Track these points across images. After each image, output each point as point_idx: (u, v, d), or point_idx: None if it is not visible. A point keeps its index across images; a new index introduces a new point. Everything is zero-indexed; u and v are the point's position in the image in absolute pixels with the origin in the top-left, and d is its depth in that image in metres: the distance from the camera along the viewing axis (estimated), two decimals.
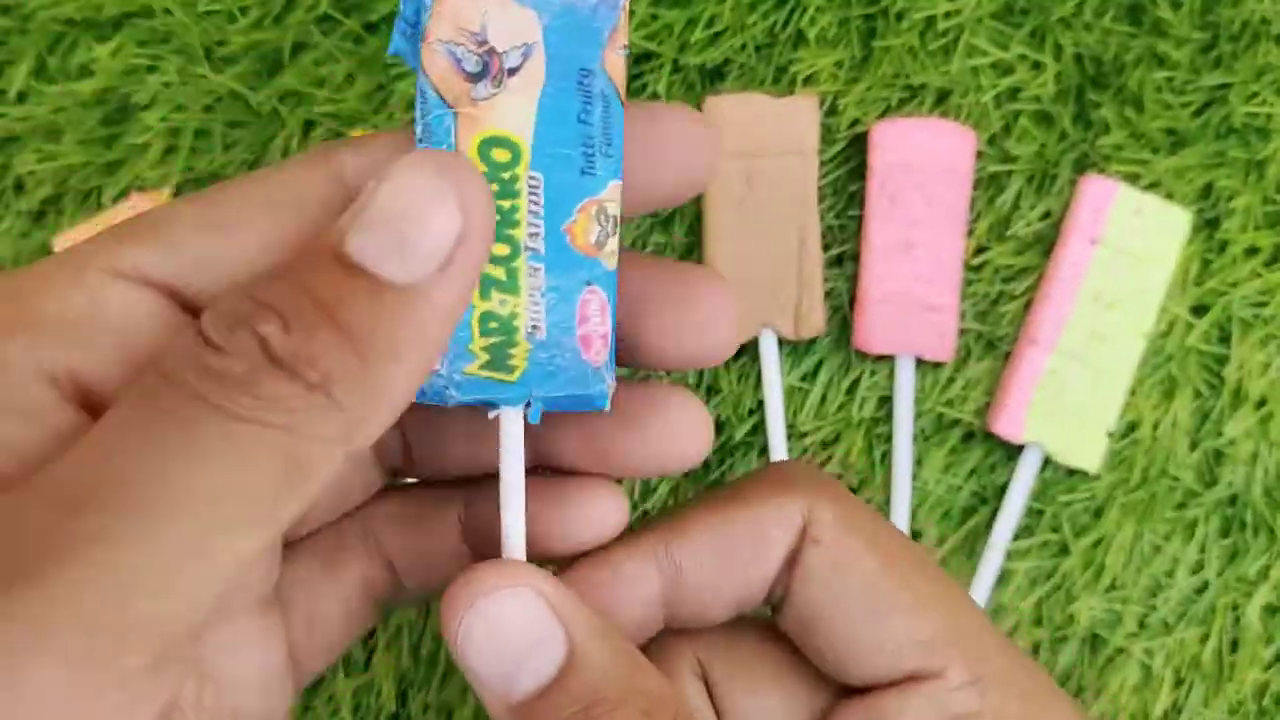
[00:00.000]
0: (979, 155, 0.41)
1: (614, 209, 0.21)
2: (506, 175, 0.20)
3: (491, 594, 0.21)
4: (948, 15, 0.41)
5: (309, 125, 0.41)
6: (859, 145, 0.41)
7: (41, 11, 0.42)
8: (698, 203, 0.41)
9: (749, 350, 0.41)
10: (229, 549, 0.16)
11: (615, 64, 0.21)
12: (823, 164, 0.41)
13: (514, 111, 0.20)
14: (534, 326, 0.21)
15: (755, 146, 0.40)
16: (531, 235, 0.21)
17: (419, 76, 0.20)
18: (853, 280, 0.41)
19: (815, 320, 0.40)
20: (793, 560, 0.24)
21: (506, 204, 0.20)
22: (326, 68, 0.41)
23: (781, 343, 0.40)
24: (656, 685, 0.21)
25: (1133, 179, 0.40)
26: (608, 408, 0.22)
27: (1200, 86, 0.41)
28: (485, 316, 0.21)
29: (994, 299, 0.41)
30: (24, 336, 0.18)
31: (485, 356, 0.21)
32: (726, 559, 0.24)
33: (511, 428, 0.21)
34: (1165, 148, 0.41)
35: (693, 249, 0.41)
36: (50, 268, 0.19)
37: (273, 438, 0.17)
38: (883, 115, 0.41)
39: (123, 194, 0.41)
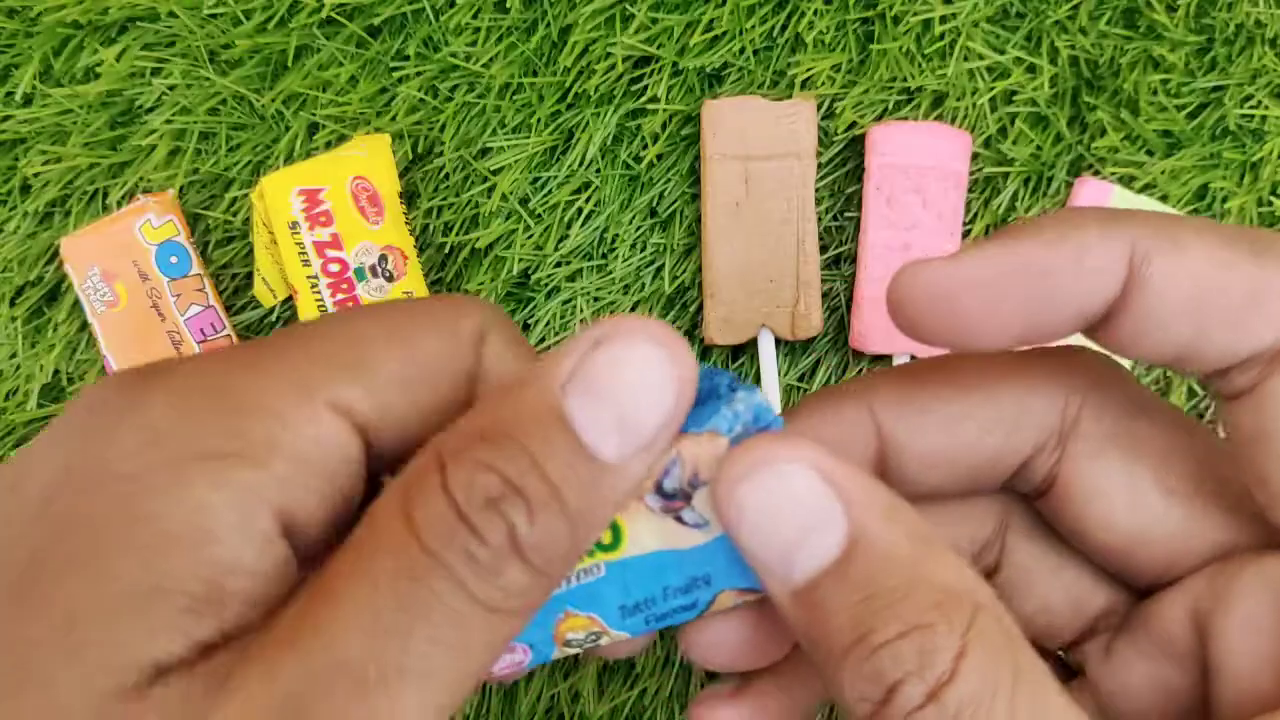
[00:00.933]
0: (975, 157, 0.41)
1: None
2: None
3: (767, 468, 0.19)
4: (944, 19, 0.41)
5: (313, 128, 0.42)
6: (856, 148, 0.41)
7: (48, 15, 0.42)
8: (696, 204, 0.41)
9: (747, 350, 0.41)
10: (445, 711, 0.18)
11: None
12: (820, 166, 0.41)
13: (649, 535, 0.21)
14: None
15: (753, 149, 0.40)
16: None
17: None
18: (850, 281, 0.41)
19: (813, 321, 0.40)
20: (1061, 443, 0.22)
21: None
22: (330, 71, 0.41)
23: (779, 343, 0.41)
24: (953, 575, 0.19)
25: (1128, 181, 0.41)
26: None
27: (1195, 89, 0.41)
28: None
29: None
30: (268, 473, 0.19)
31: None
32: (1206, 302, 0.20)
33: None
34: (1160, 150, 0.41)
35: (691, 250, 0.41)
36: (287, 393, 0.19)
37: (508, 626, 0.18)
38: (880, 118, 0.41)
39: (128, 196, 0.42)
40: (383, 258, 0.40)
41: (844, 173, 0.41)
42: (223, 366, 0.20)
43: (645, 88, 0.41)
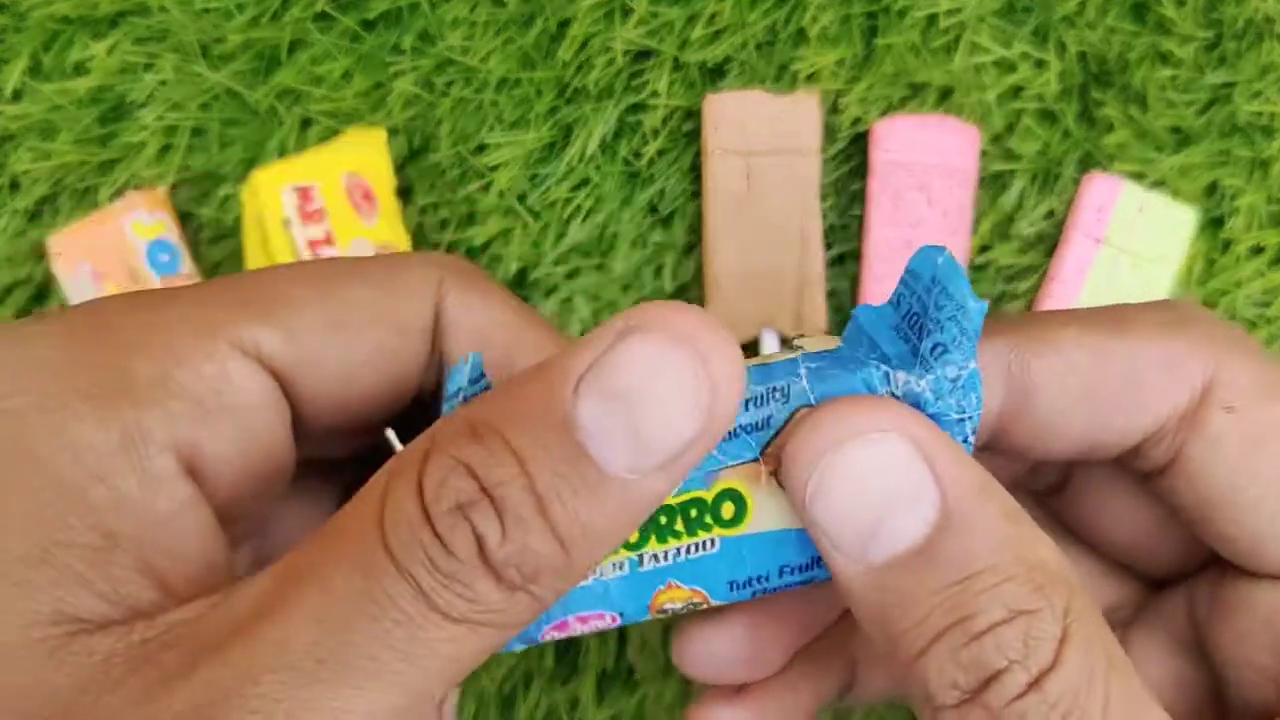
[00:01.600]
0: (982, 154, 0.40)
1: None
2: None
3: (856, 439, 0.18)
4: (950, 13, 0.41)
5: (306, 123, 0.41)
6: (861, 144, 0.41)
7: (37, 9, 0.41)
8: (698, 201, 0.40)
9: (750, 350, 0.41)
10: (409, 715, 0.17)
11: None
12: (824, 162, 0.41)
13: (774, 512, 0.20)
14: None
15: (756, 145, 0.39)
16: None
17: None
18: (854, 280, 0.40)
19: (817, 320, 0.39)
20: (1188, 422, 0.20)
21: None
22: (324, 65, 0.41)
23: (783, 342, 0.40)
24: (1049, 554, 0.18)
25: (1137, 178, 0.40)
26: None
27: (1204, 85, 0.41)
28: None
29: (997, 298, 0.40)
30: (160, 410, 0.18)
31: None
32: (1090, 391, 0.20)
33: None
34: (1169, 146, 0.40)
35: (693, 248, 0.41)
36: (184, 332, 0.19)
37: (479, 639, 0.17)
38: (885, 113, 0.41)
39: (119, 193, 0.41)
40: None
41: (848, 169, 0.41)
42: (117, 306, 0.19)
43: (645, 82, 0.41)
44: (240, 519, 0.20)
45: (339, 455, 0.24)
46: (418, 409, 0.23)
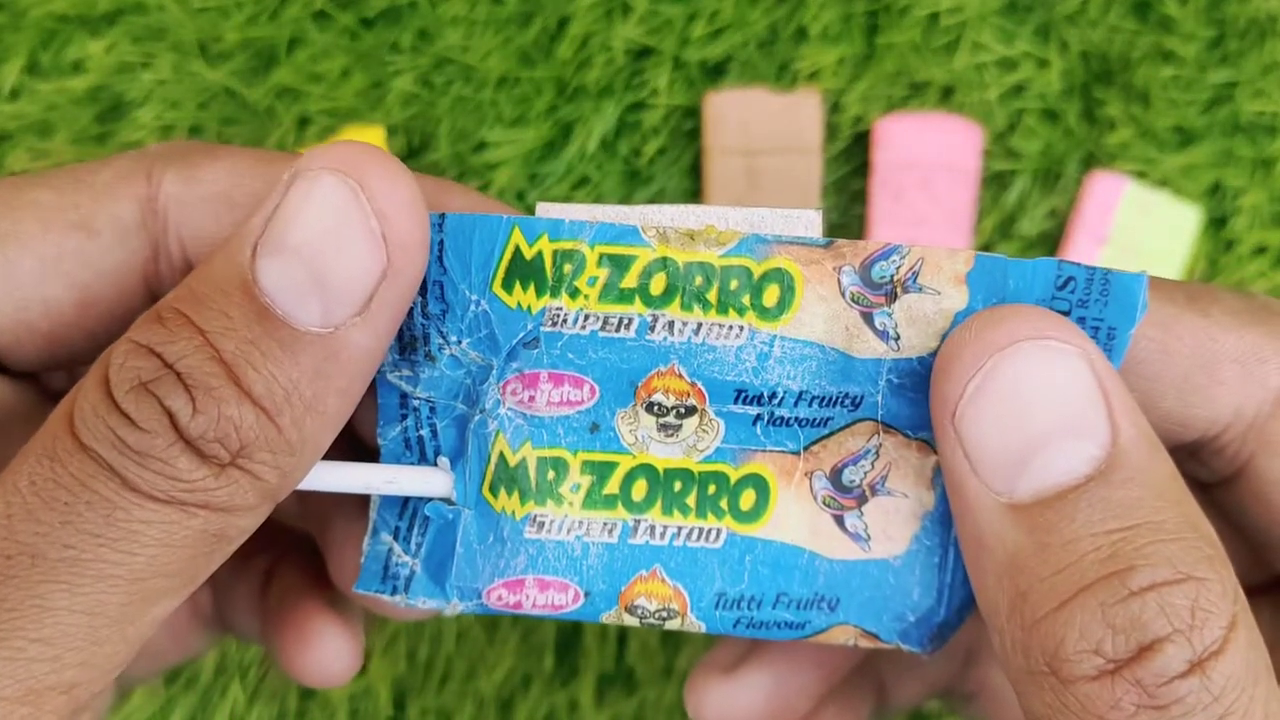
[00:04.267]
0: (984, 153, 0.40)
1: None
2: None
3: (1037, 343, 0.15)
4: (951, 11, 0.40)
5: (304, 122, 0.41)
6: (862, 143, 0.40)
7: (34, 8, 0.41)
8: (699, 200, 0.40)
9: None
10: (149, 616, 0.16)
11: None
12: (825, 161, 0.40)
13: (796, 522, 0.18)
14: None
15: (757, 144, 0.39)
16: None
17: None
18: None
19: None
20: (1258, 431, 0.17)
21: None
22: (322, 64, 0.41)
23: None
24: (1214, 533, 0.15)
25: (1140, 177, 0.40)
26: None
27: (1207, 84, 0.41)
28: None
29: None
30: None
31: None
32: (1152, 369, 0.17)
33: None
34: (1172, 145, 0.40)
35: None
36: None
37: (191, 519, 0.16)
38: (886, 112, 0.40)
39: None
40: None
41: (850, 168, 0.41)
42: None
43: (646, 81, 0.41)
44: None
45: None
46: None
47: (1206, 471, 0.19)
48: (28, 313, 0.18)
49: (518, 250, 0.17)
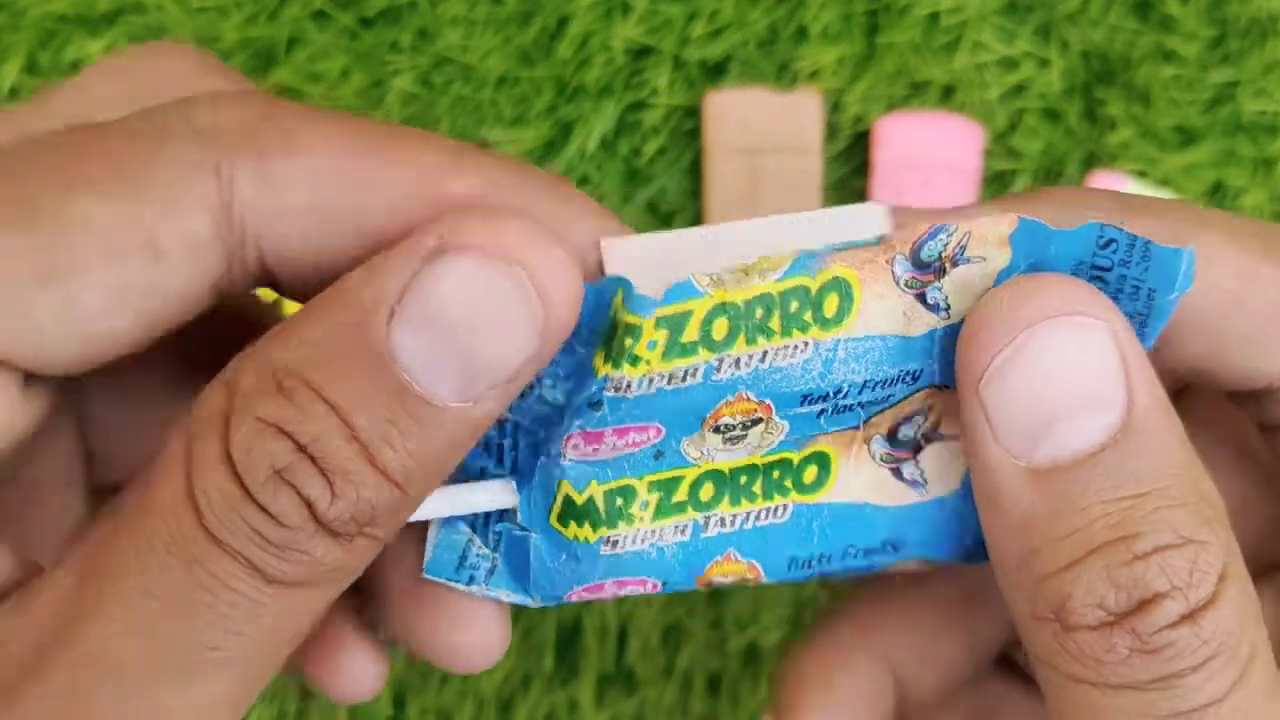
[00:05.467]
0: (985, 153, 0.40)
1: None
2: None
3: (1068, 318, 0.16)
4: (952, 11, 0.40)
5: None
6: (862, 142, 0.40)
7: (34, 8, 0.41)
8: (699, 200, 0.40)
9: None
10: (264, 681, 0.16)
11: None
12: (826, 161, 0.40)
13: (859, 483, 0.19)
14: None
15: (758, 143, 0.39)
16: None
17: None
18: None
19: None
20: None
21: None
22: (322, 63, 0.41)
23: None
24: (1214, 493, 0.16)
25: (1141, 176, 0.40)
26: None
27: (1208, 83, 0.41)
28: None
29: None
30: None
31: None
32: (1223, 318, 0.18)
33: None
34: (1173, 145, 0.40)
35: None
36: None
37: (320, 592, 0.16)
38: (887, 112, 0.40)
39: None
40: None
41: (850, 168, 0.41)
42: None
43: (645, 80, 0.41)
44: None
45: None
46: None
47: (1271, 417, 0.19)
48: (91, 346, 0.16)
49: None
